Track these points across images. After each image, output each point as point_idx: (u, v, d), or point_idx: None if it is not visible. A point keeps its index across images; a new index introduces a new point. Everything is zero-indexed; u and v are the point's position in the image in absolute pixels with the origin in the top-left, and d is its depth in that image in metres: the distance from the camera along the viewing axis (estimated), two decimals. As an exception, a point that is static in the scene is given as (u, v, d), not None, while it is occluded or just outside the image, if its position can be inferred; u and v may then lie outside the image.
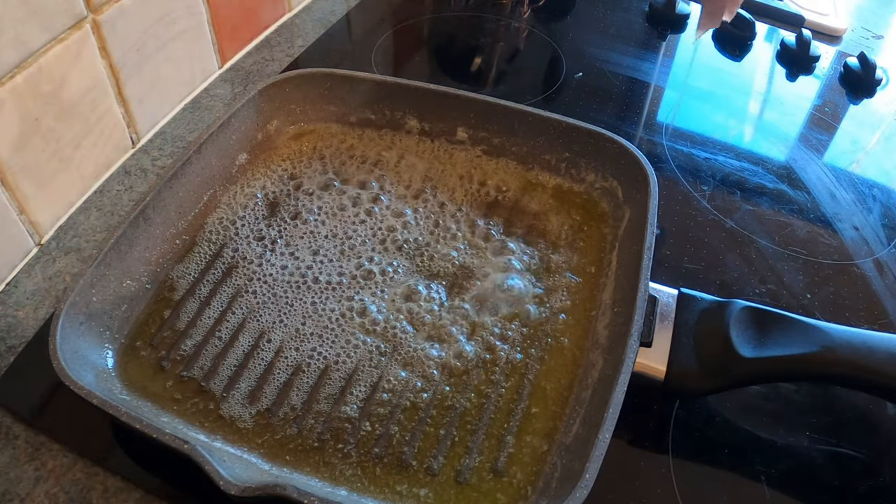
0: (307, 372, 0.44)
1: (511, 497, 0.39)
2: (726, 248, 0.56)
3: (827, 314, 0.52)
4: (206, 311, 0.47)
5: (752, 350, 0.41)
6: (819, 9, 0.86)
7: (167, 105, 0.64)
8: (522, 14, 0.83)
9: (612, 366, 0.40)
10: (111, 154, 0.58)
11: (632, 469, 0.43)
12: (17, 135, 0.48)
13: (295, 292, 0.48)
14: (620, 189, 0.52)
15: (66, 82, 0.51)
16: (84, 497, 0.40)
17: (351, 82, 0.57)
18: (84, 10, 0.51)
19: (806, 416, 0.46)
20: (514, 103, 0.55)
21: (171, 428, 0.38)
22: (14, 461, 0.42)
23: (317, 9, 0.80)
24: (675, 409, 0.45)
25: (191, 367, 0.44)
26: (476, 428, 0.42)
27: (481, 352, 0.46)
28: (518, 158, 0.57)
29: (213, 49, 0.67)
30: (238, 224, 0.52)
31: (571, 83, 0.72)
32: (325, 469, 0.40)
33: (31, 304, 0.49)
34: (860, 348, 0.40)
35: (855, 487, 0.43)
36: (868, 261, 0.57)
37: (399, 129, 0.59)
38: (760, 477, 0.43)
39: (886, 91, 0.76)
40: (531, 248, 0.52)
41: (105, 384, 0.41)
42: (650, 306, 0.43)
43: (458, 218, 0.54)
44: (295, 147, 0.58)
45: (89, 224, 0.55)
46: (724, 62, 0.79)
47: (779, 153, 0.67)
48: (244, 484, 0.34)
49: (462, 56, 0.77)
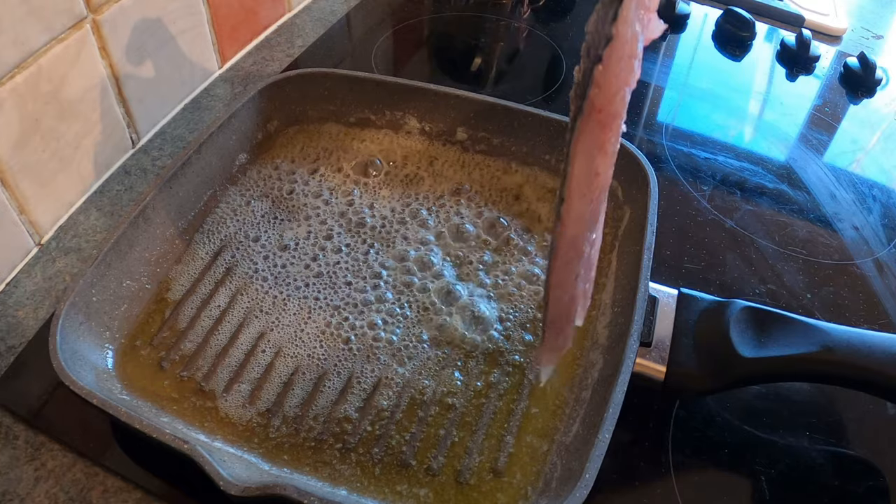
0: (307, 372, 0.44)
1: (511, 497, 0.39)
2: (726, 248, 0.56)
3: (827, 314, 0.52)
4: (205, 311, 0.47)
5: (752, 350, 0.41)
6: (819, 9, 0.86)
7: (167, 105, 0.64)
8: (522, 14, 0.83)
9: (612, 366, 0.40)
10: (111, 154, 0.58)
11: (632, 469, 0.43)
12: (17, 135, 0.48)
13: (295, 292, 0.48)
14: (620, 189, 0.52)
15: (66, 82, 0.51)
16: (84, 497, 0.40)
17: (351, 82, 0.57)
18: (84, 10, 0.51)
19: (806, 416, 0.46)
20: (514, 103, 0.55)
21: (171, 428, 0.38)
22: (14, 461, 0.41)
23: (317, 9, 0.80)
24: (675, 409, 0.45)
25: (190, 367, 0.44)
26: (476, 428, 0.42)
27: (481, 352, 0.46)
28: (518, 158, 0.57)
29: (213, 49, 0.67)
30: (238, 224, 0.52)
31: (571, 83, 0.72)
32: (324, 469, 0.40)
33: (31, 304, 0.49)
34: (860, 348, 0.40)
35: (855, 487, 0.43)
36: (868, 261, 0.56)
37: (399, 129, 0.59)
38: (760, 477, 0.43)
39: (886, 91, 0.76)
40: (530, 248, 0.52)
41: (105, 384, 0.41)
42: (650, 306, 0.43)
43: (458, 217, 0.54)
44: (295, 147, 0.58)
45: (89, 224, 0.55)
46: (724, 62, 0.79)
47: (779, 153, 0.67)
48: (244, 484, 0.34)
49: (462, 56, 0.77)
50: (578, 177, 0.29)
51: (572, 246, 0.31)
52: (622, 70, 0.26)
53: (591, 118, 0.28)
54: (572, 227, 0.30)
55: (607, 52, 0.26)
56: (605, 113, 0.27)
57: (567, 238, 0.31)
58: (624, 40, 0.26)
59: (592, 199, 0.30)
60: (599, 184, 0.29)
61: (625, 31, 0.26)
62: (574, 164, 0.29)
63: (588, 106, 0.27)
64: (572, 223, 0.30)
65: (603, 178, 0.29)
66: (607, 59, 0.26)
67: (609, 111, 0.27)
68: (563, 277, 0.32)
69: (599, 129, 0.28)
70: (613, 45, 0.26)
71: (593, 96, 0.27)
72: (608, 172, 0.30)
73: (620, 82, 0.27)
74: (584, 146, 0.28)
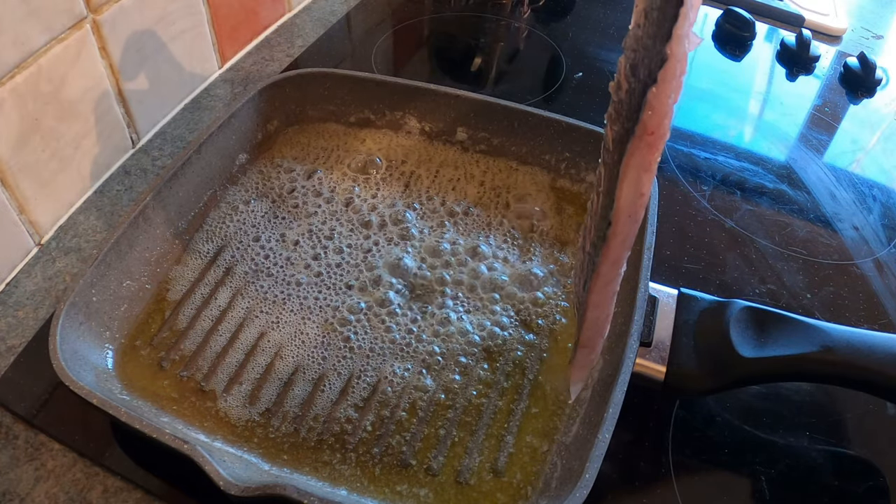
0: (307, 372, 0.44)
1: (511, 497, 0.39)
2: (726, 248, 0.56)
3: (827, 314, 0.52)
4: (205, 311, 0.47)
5: (752, 350, 0.41)
6: (819, 9, 0.86)
7: (167, 105, 0.64)
8: (522, 14, 0.83)
9: (612, 366, 0.40)
10: (111, 154, 0.58)
11: (632, 469, 0.43)
12: (17, 135, 0.48)
13: (295, 292, 0.48)
14: (620, 189, 0.52)
15: (66, 82, 0.51)
16: (84, 497, 0.40)
17: (350, 82, 0.57)
18: (84, 10, 0.51)
19: (806, 416, 0.46)
20: (514, 103, 0.55)
21: (171, 428, 0.38)
22: (14, 461, 0.42)
23: (317, 9, 0.80)
24: (675, 409, 0.45)
25: (191, 367, 0.44)
26: (476, 428, 0.42)
27: (481, 352, 0.46)
28: (518, 158, 0.57)
29: (213, 49, 0.67)
30: (238, 224, 0.52)
31: (571, 83, 0.72)
32: (324, 469, 0.40)
33: (31, 304, 0.49)
34: (860, 348, 0.40)
35: (855, 487, 0.43)
36: (868, 261, 0.56)
37: (399, 129, 0.59)
38: (760, 477, 0.43)
39: (886, 91, 0.76)
40: (530, 248, 0.52)
41: (105, 384, 0.41)
42: (650, 306, 0.43)
43: (458, 217, 0.54)
44: (295, 147, 0.58)
45: (89, 224, 0.55)
46: (724, 62, 0.79)
47: (779, 153, 0.67)
48: (244, 484, 0.34)
49: (462, 56, 0.77)
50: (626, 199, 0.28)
51: (614, 267, 0.31)
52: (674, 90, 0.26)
53: (642, 140, 0.27)
54: (617, 249, 0.30)
55: (661, 73, 0.25)
56: (656, 135, 0.26)
57: (611, 259, 0.30)
58: (677, 60, 0.25)
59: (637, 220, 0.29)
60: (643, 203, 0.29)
61: (678, 50, 0.25)
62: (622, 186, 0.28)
63: (640, 128, 0.26)
64: (618, 245, 0.30)
65: (646, 197, 0.29)
66: (662, 80, 0.25)
67: (660, 132, 0.27)
68: (602, 298, 0.32)
69: (648, 150, 0.27)
70: (668, 65, 0.25)
71: (646, 119, 0.26)
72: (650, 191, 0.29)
73: (672, 103, 0.26)
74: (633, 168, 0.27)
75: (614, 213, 0.29)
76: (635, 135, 0.27)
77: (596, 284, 0.31)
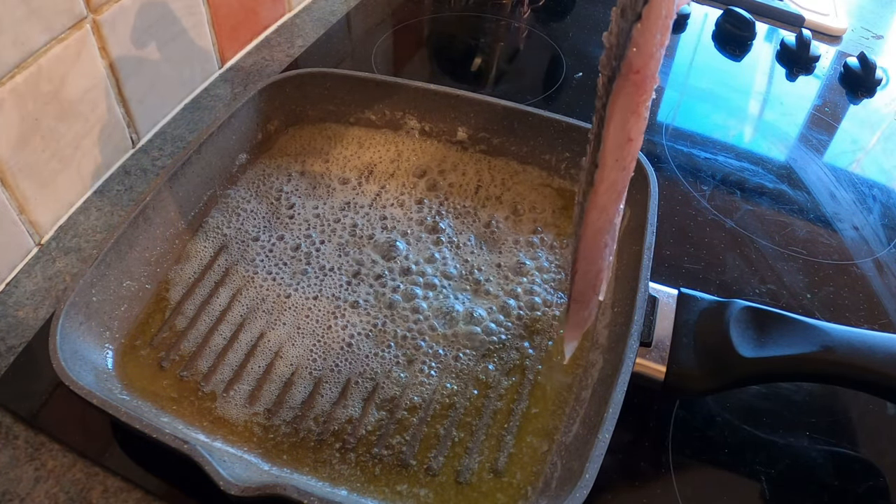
0: (307, 372, 0.44)
1: (511, 497, 0.39)
2: (726, 248, 0.56)
3: (827, 314, 0.52)
4: (205, 311, 0.47)
5: (752, 350, 0.41)
6: (819, 9, 0.86)
7: (167, 105, 0.64)
8: (522, 14, 0.83)
9: (612, 366, 0.40)
10: (111, 154, 0.58)
11: (632, 469, 0.43)
12: (17, 135, 0.48)
13: (295, 292, 0.48)
14: (620, 189, 0.52)
15: (66, 82, 0.51)
16: (84, 497, 0.40)
17: (350, 82, 0.57)
18: (84, 10, 0.51)
19: (806, 416, 0.46)
20: (514, 103, 0.55)
21: (171, 428, 0.38)
22: (14, 461, 0.41)
23: (317, 9, 0.80)
24: (675, 409, 0.45)
25: (190, 367, 0.44)
26: (476, 428, 0.42)
27: (481, 351, 0.46)
28: (518, 158, 0.57)
29: (213, 49, 0.67)
30: (238, 224, 0.52)
31: (571, 83, 0.72)
32: (324, 469, 0.40)
33: (31, 304, 0.49)
34: (860, 348, 0.40)
35: (855, 487, 0.43)
36: (868, 261, 0.56)
37: (399, 129, 0.59)
38: (760, 477, 0.43)
39: (886, 91, 0.76)
40: (531, 248, 0.52)
41: (105, 384, 0.41)
42: (650, 306, 0.43)
43: (458, 217, 0.54)
44: (295, 147, 0.58)
45: (89, 224, 0.55)
46: (724, 62, 0.79)
47: (779, 153, 0.67)
48: (244, 484, 0.34)
49: (462, 56, 0.77)
50: (612, 142, 0.28)
51: (603, 214, 0.30)
52: (660, 28, 0.25)
53: (627, 79, 0.26)
54: (604, 194, 0.29)
55: (646, 9, 0.25)
56: (641, 74, 0.26)
57: (598, 206, 0.29)
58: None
59: (625, 167, 0.29)
60: (632, 150, 0.28)
61: None
62: (609, 128, 0.27)
63: (626, 66, 0.26)
64: (605, 191, 0.29)
65: (635, 143, 0.28)
66: (646, 17, 0.25)
67: (646, 72, 0.26)
68: (591, 247, 0.31)
69: (635, 90, 0.27)
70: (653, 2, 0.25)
71: (632, 56, 0.26)
72: (640, 138, 0.29)
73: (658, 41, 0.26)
74: (620, 109, 0.27)
75: (601, 154, 0.28)
76: (621, 73, 0.26)
77: (585, 233, 0.30)
